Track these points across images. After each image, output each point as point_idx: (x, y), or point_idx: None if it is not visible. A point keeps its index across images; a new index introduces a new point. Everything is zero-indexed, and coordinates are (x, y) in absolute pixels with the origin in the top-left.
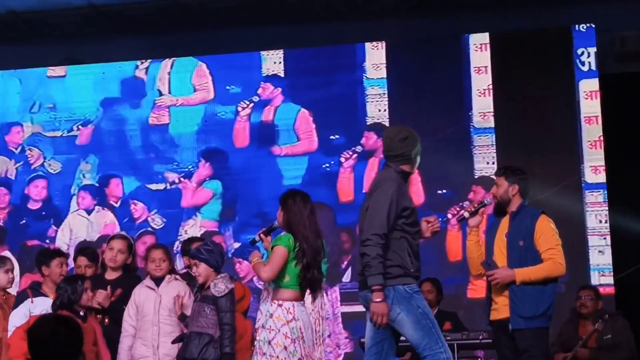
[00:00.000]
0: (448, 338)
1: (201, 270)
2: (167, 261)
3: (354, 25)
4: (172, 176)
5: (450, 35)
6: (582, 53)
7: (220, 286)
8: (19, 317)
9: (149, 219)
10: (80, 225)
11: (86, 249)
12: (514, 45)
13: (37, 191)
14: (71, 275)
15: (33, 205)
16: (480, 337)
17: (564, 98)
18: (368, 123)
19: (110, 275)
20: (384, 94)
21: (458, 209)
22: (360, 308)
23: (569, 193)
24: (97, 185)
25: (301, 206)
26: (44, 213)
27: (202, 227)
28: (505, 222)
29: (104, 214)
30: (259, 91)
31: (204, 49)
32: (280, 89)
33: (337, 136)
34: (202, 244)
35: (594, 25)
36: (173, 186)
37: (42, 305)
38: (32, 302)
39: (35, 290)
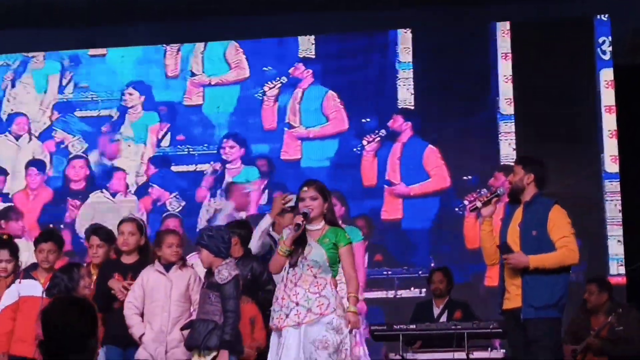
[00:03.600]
0: (458, 327)
1: (203, 256)
2: (182, 247)
3: (379, 14)
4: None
5: (475, 22)
6: (604, 42)
7: (223, 273)
8: (8, 297)
9: (167, 202)
10: (103, 208)
11: (99, 229)
12: (535, 34)
13: (75, 172)
14: (67, 263)
15: (75, 186)
16: (491, 327)
17: (585, 87)
18: (399, 107)
19: (127, 259)
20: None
21: (475, 195)
22: (376, 294)
23: (588, 182)
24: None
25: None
26: (68, 197)
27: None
28: (519, 211)
29: (127, 198)
30: (290, 70)
31: (223, 35)
32: (311, 71)
33: (368, 119)
34: (206, 229)
35: (608, 17)
36: (202, 168)
37: (28, 287)
38: (19, 282)
39: (27, 272)
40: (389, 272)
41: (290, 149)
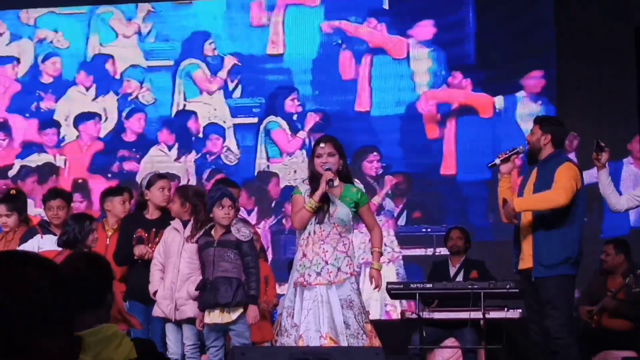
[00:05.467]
0: (475, 287)
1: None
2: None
3: None
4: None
5: None
6: None
7: (244, 231)
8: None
9: (222, 155)
10: (159, 161)
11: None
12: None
13: (140, 124)
14: (80, 213)
15: (129, 138)
16: (507, 287)
17: (626, 46)
18: (464, 62)
19: (151, 214)
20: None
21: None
22: (416, 252)
23: (625, 142)
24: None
25: None
26: (134, 149)
27: None
28: (535, 171)
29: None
30: (364, 24)
31: None
32: (384, 24)
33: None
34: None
35: None
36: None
37: (49, 242)
38: (41, 237)
39: (44, 227)
40: (428, 230)
41: (363, 100)
